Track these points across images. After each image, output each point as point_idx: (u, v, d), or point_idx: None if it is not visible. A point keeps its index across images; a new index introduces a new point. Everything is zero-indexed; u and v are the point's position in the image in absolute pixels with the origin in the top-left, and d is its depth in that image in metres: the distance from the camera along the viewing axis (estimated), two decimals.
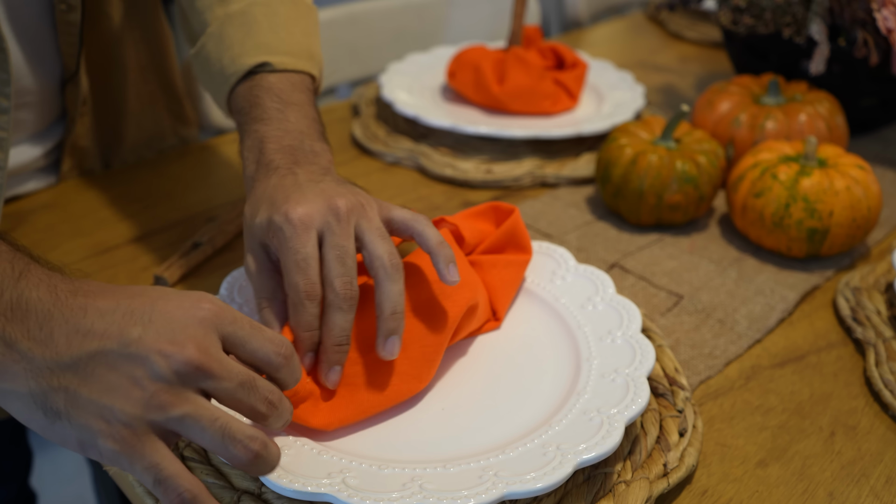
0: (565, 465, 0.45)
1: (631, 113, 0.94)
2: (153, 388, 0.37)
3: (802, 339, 0.66)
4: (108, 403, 0.36)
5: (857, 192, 0.71)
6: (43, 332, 0.37)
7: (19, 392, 0.37)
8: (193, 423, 0.38)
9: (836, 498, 0.52)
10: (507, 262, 0.61)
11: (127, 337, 0.37)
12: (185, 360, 0.38)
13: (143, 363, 0.37)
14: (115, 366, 0.37)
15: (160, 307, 0.39)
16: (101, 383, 0.37)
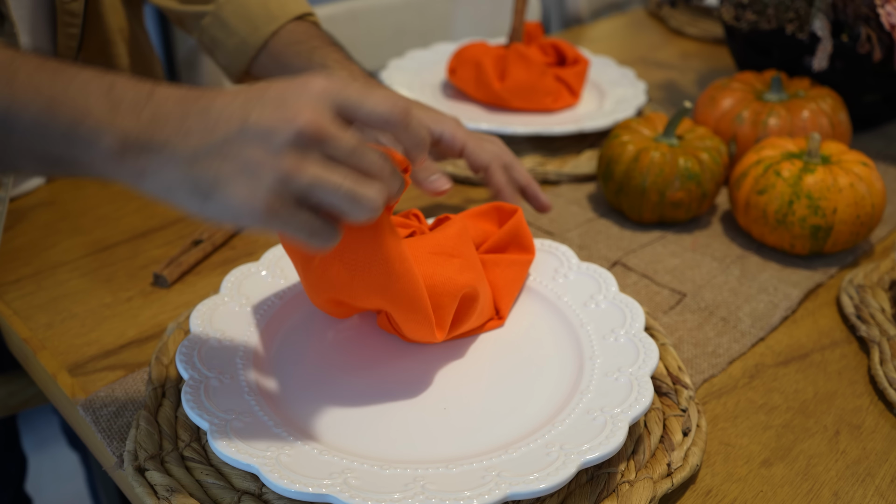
0: (569, 466, 0.45)
1: (633, 110, 0.94)
2: (277, 160, 0.41)
3: (806, 338, 0.65)
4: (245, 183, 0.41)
5: (860, 189, 0.70)
6: (181, 132, 0.42)
7: (174, 183, 0.42)
8: (321, 186, 0.42)
9: (842, 497, 0.52)
10: (511, 262, 0.61)
11: (247, 118, 0.41)
12: (301, 127, 0.41)
13: (264, 138, 0.41)
14: (243, 146, 0.41)
15: (273, 89, 0.43)
16: (236, 163, 0.41)
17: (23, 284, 0.69)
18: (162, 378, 0.56)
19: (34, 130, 0.42)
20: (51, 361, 0.61)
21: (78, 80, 0.43)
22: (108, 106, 0.42)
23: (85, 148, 0.42)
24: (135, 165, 0.42)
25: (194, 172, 0.42)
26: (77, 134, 0.42)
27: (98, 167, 0.43)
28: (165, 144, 0.42)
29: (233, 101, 0.42)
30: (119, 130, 0.42)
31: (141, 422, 0.52)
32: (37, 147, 0.43)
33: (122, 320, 0.65)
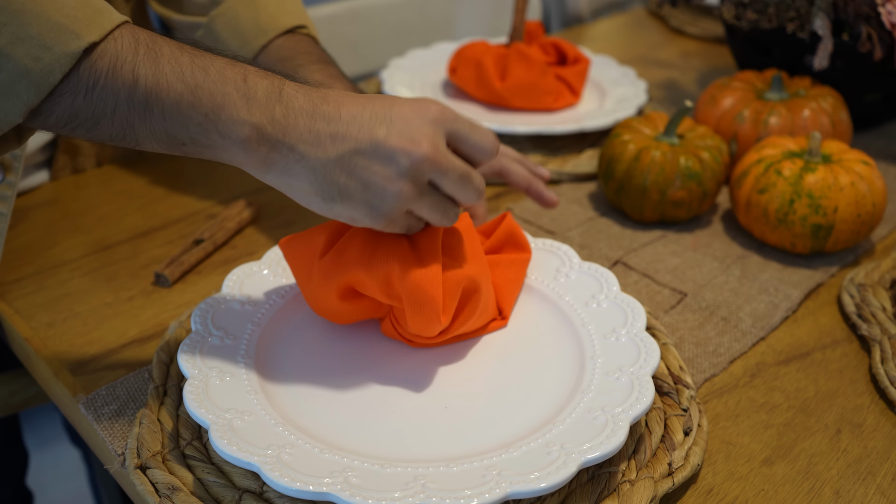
0: (569, 465, 0.45)
1: (633, 109, 0.94)
2: (400, 185, 0.47)
3: (807, 336, 0.65)
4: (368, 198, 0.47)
5: (861, 188, 0.70)
6: (311, 136, 0.46)
7: (301, 185, 0.47)
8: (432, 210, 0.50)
9: (843, 496, 0.52)
10: (510, 262, 0.61)
11: (376, 138, 0.47)
12: (422, 157, 0.47)
13: (391, 160, 0.47)
14: (370, 162, 0.47)
15: (397, 110, 0.48)
16: (362, 179, 0.47)
17: (24, 284, 0.69)
18: (163, 376, 0.56)
19: (175, 112, 0.45)
20: (52, 360, 0.61)
21: (215, 67, 0.46)
22: (244, 98, 0.45)
23: (220, 135, 0.45)
24: (264, 157, 0.46)
25: (322, 180, 0.47)
26: (216, 121, 0.45)
27: (228, 153, 0.46)
28: (296, 145, 0.46)
29: (361, 112, 0.47)
30: (255, 123, 0.45)
31: (143, 420, 0.52)
32: (173, 128, 0.45)
33: (123, 319, 0.65)
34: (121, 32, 0.44)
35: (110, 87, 0.44)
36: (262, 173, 0.47)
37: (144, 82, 0.44)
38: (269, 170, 0.47)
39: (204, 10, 0.75)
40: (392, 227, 0.50)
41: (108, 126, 0.45)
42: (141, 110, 0.44)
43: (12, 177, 0.64)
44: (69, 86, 0.43)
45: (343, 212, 0.48)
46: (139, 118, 0.44)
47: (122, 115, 0.44)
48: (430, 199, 0.49)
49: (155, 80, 0.44)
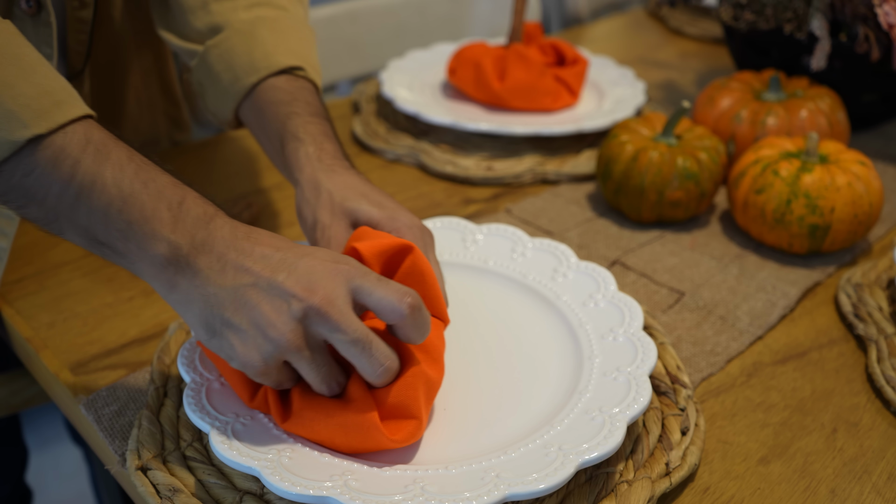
0: (567, 466, 0.45)
1: (632, 109, 0.94)
2: (287, 328, 0.45)
3: (804, 336, 0.66)
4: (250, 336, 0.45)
5: (858, 189, 0.71)
6: (219, 265, 0.46)
7: (193, 310, 0.46)
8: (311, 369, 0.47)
9: (838, 495, 0.52)
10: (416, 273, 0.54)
11: (275, 279, 0.46)
12: (312, 305, 0.45)
13: (282, 302, 0.45)
14: (262, 298, 0.45)
15: (306, 261, 0.47)
16: (250, 315, 0.45)
17: (25, 284, 0.69)
18: (164, 378, 0.56)
19: (103, 214, 0.45)
20: (53, 360, 0.61)
21: (156, 184, 0.46)
22: (173, 219, 0.46)
23: (137, 246, 0.46)
24: (170, 279, 0.46)
25: (212, 309, 0.46)
26: (138, 232, 0.45)
27: (139, 265, 0.46)
28: (201, 270, 0.46)
29: (273, 254, 0.47)
30: (173, 244, 0.46)
31: (143, 421, 0.53)
32: (94, 228, 0.46)
33: (123, 320, 0.65)
34: (74, 128, 0.46)
35: (46, 177, 0.44)
36: (165, 293, 0.47)
37: (81, 179, 0.45)
38: (172, 291, 0.46)
39: (201, 38, 0.71)
40: (264, 376, 0.47)
41: (36, 210, 0.45)
42: (69, 204, 0.45)
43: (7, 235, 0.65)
44: (7, 167, 0.44)
45: (222, 347, 0.46)
46: (66, 209, 0.45)
47: (51, 203, 0.45)
48: (314, 356, 0.47)
49: (92, 180, 0.45)
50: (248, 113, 0.68)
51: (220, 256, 0.46)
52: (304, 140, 0.62)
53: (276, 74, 0.66)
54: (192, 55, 0.71)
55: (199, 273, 0.46)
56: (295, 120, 0.63)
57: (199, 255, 0.46)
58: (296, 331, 0.45)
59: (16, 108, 0.44)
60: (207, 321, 0.46)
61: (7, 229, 0.65)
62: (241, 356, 0.46)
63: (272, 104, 0.65)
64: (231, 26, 0.68)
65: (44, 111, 0.45)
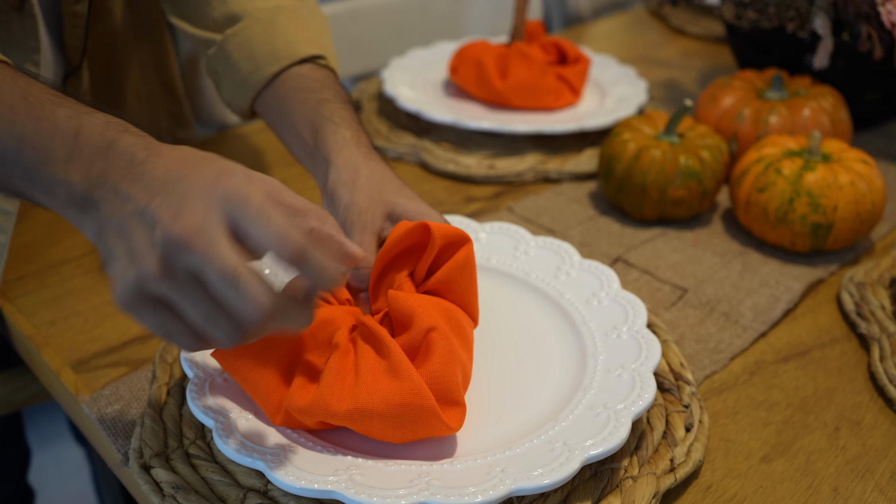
0: (572, 461, 0.45)
1: (634, 108, 0.94)
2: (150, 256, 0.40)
3: (806, 335, 0.66)
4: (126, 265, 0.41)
5: (861, 187, 0.71)
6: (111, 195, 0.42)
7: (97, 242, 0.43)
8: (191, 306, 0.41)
9: (841, 493, 0.52)
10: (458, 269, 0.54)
11: (150, 205, 0.41)
12: (173, 233, 0.40)
13: (150, 228, 0.41)
14: (137, 226, 0.41)
15: (189, 180, 0.42)
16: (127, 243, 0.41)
17: (26, 282, 0.69)
18: (166, 376, 0.56)
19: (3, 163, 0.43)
20: (54, 358, 0.61)
21: (49, 120, 0.43)
22: (68, 154, 0.43)
23: (41, 192, 0.44)
24: (77, 217, 0.44)
25: (102, 240, 0.43)
26: (35, 179, 0.43)
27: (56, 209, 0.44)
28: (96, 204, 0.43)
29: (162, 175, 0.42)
30: (67, 183, 0.43)
31: (146, 419, 0.52)
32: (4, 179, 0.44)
33: (125, 317, 0.65)
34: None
35: None
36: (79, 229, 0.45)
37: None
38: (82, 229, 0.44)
39: (219, 27, 0.70)
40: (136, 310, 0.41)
41: None
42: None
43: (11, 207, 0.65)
44: None
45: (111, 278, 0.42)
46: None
47: None
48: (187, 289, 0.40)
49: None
50: (268, 102, 0.67)
51: (114, 186, 0.43)
52: (339, 124, 0.61)
53: (298, 63, 0.67)
54: (209, 44, 0.71)
55: (95, 206, 0.43)
56: (328, 105, 0.63)
57: (95, 188, 0.43)
58: (156, 260, 0.40)
59: None
60: (103, 255, 0.43)
61: (5, 224, 0.65)
62: (115, 288, 0.41)
63: (299, 91, 0.65)
64: (250, 15, 0.68)
65: None
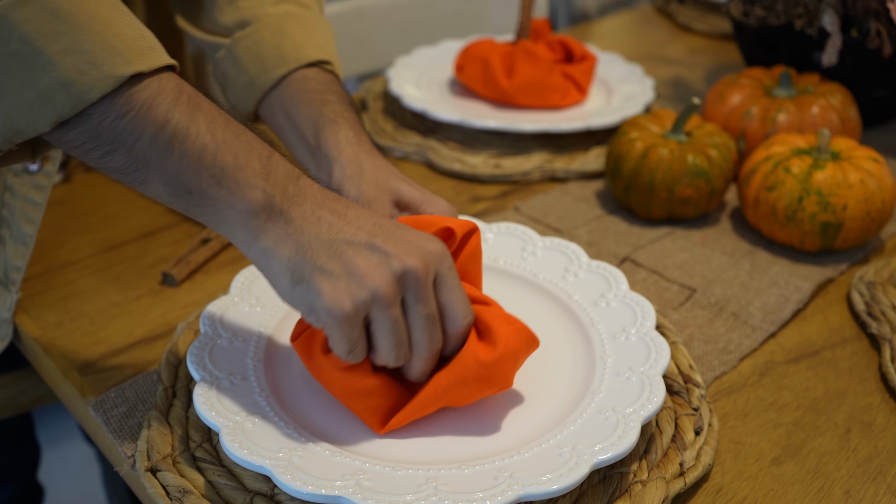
0: (581, 466, 0.45)
1: (641, 106, 0.94)
2: (384, 278, 0.45)
3: (816, 335, 0.65)
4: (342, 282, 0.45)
5: (871, 185, 0.70)
6: (313, 217, 0.46)
7: (281, 256, 0.46)
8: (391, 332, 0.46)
9: (853, 496, 0.51)
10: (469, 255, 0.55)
11: (373, 240, 0.46)
12: (411, 267, 0.46)
13: (381, 257, 0.46)
14: (358, 254, 0.46)
15: (402, 231, 0.48)
16: (346, 262, 0.45)
17: (32, 283, 0.69)
18: (172, 378, 0.56)
19: (195, 159, 0.45)
20: (60, 360, 0.61)
21: (246, 136, 0.47)
22: (264, 169, 0.46)
23: (230, 191, 0.46)
24: (260, 226, 0.46)
25: (303, 255, 0.45)
26: (232, 178, 0.45)
27: (227, 213, 0.46)
28: (294, 220, 0.46)
29: (368, 218, 0.48)
30: (267, 192, 0.46)
31: (152, 422, 0.52)
32: (186, 173, 0.45)
33: (131, 319, 0.65)
34: (168, 75, 0.46)
35: (140, 120, 0.44)
36: (249, 241, 0.46)
37: (175, 125, 0.45)
38: (258, 238, 0.46)
39: (228, 32, 0.72)
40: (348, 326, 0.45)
41: (124, 156, 0.45)
42: (162, 149, 0.45)
43: (50, 166, 0.64)
44: (102, 107, 0.43)
45: (305, 295, 0.45)
46: (157, 156, 0.45)
47: (141, 149, 0.45)
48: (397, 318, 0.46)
49: (186, 126, 0.45)
50: (273, 104, 0.69)
51: (314, 210, 0.47)
52: (342, 125, 0.64)
53: (305, 67, 0.69)
54: (217, 48, 0.73)
55: (292, 222, 0.46)
56: (331, 107, 0.65)
57: (293, 205, 0.46)
58: (392, 284, 0.45)
59: (119, 45, 0.44)
60: (296, 266, 0.45)
61: (33, 215, 0.65)
62: (329, 300, 0.44)
63: (305, 92, 0.67)
64: (260, 20, 0.71)
65: (143, 53, 0.45)
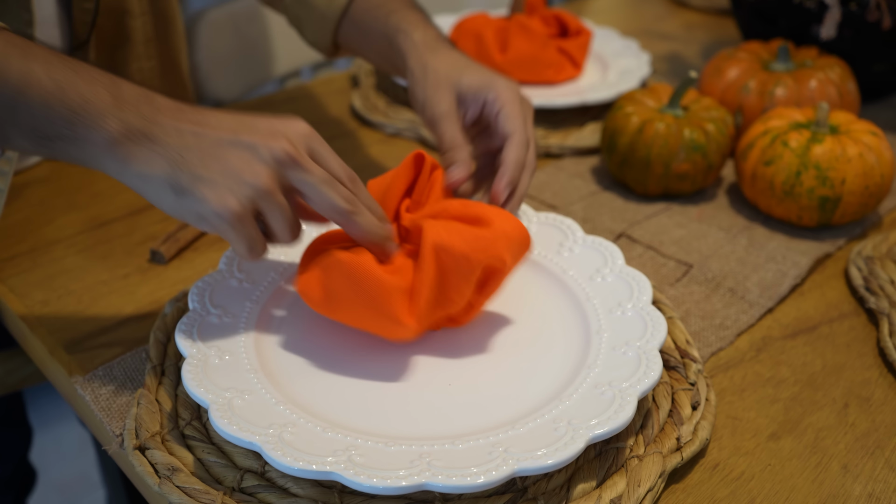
0: (577, 441, 0.44)
1: (636, 81, 0.92)
2: (259, 169, 0.46)
3: (814, 310, 0.65)
4: (222, 185, 0.46)
5: (869, 160, 0.69)
6: (175, 131, 0.47)
7: (156, 174, 0.46)
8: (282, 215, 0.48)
9: (851, 470, 0.51)
10: None
11: (238, 132, 0.47)
12: (282, 149, 0.47)
13: (251, 150, 0.47)
14: (229, 151, 0.47)
15: (263, 121, 0.49)
16: (220, 164, 0.46)
17: (18, 261, 0.68)
18: (161, 356, 0.55)
19: (42, 107, 0.45)
20: (47, 339, 0.60)
21: (85, 70, 0.47)
22: (113, 99, 0.46)
23: (87, 128, 0.45)
24: (126, 152, 0.46)
25: (178, 168, 0.46)
26: (83, 115, 0.45)
27: (88, 149, 0.46)
28: (158, 137, 0.46)
29: (225, 118, 0.48)
30: (121, 118, 0.46)
31: (140, 400, 0.51)
32: (40, 123, 0.45)
33: (119, 297, 0.64)
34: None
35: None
36: (120, 169, 0.47)
37: (14, 79, 0.45)
38: (128, 164, 0.46)
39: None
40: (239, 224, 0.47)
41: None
42: (8, 105, 0.45)
43: (11, 152, 0.63)
44: None
45: (192, 205, 0.46)
46: (6, 113, 0.45)
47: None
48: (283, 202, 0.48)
49: (22, 74, 0.45)
50: (348, 30, 0.72)
51: (174, 124, 0.47)
52: (407, 31, 0.66)
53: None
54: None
55: (156, 139, 0.46)
56: (395, 16, 0.67)
57: (153, 124, 0.46)
58: (270, 174, 0.47)
59: None
60: (174, 180, 0.46)
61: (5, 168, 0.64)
62: (215, 204, 0.45)
63: (370, 10, 0.70)
64: None
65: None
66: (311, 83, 1.02)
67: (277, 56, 1.16)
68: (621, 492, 0.47)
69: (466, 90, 0.62)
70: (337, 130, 0.90)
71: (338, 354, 0.54)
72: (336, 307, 0.51)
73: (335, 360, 0.53)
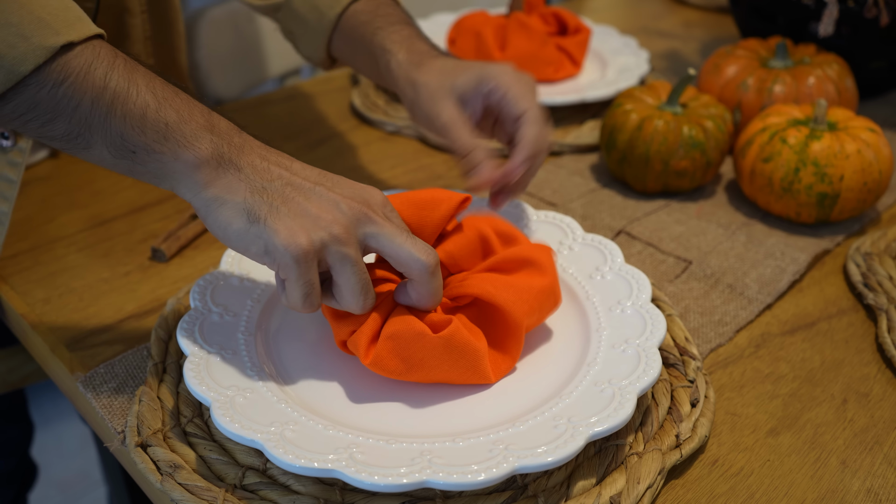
0: (577, 438, 0.44)
1: (635, 79, 0.93)
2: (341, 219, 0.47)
3: (813, 306, 0.65)
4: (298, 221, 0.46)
5: (868, 156, 0.69)
6: (262, 165, 0.48)
7: (234, 201, 0.46)
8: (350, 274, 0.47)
9: (850, 466, 0.51)
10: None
11: (321, 186, 0.48)
12: (361, 208, 0.48)
13: (330, 201, 0.48)
14: (310, 198, 0.47)
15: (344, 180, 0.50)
16: (299, 206, 0.47)
17: (20, 259, 0.68)
18: (162, 354, 0.55)
19: (138, 117, 0.46)
20: (49, 336, 0.60)
21: (184, 95, 0.48)
22: (207, 123, 0.47)
23: (176, 145, 0.46)
24: (208, 176, 0.46)
25: (257, 197, 0.46)
26: (176, 132, 0.46)
27: (171, 166, 0.46)
28: (244, 168, 0.47)
29: (309, 168, 0.49)
30: (215, 142, 0.47)
31: (142, 398, 0.52)
32: (130, 132, 0.46)
33: (120, 295, 0.64)
34: (100, 42, 0.46)
35: (78, 86, 0.44)
36: (197, 190, 0.47)
37: (115, 87, 0.45)
38: (208, 187, 0.47)
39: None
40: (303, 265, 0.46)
41: (65, 123, 0.45)
42: (104, 112, 0.45)
43: (24, 143, 0.63)
44: (37, 77, 0.44)
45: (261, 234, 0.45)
46: (99, 119, 0.45)
47: (82, 114, 0.45)
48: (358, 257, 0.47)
49: (126, 86, 0.46)
50: (339, 45, 0.72)
51: (260, 161, 0.48)
52: (392, 50, 0.65)
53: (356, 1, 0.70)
54: (276, 9, 0.75)
55: (242, 169, 0.47)
56: (380, 34, 0.67)
57: (242, 154, 0.47)
58: (347, 224, 0.47)
59: (46, 17, 0.44)
60: (251, 207, 0.46)
61: (7, 193, 0.64)
62: (284, 237, 0.45)
63: (358, 27, 0.69)
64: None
65: (70, 22, 0.45)
66: (310, 81, 1.02)
67: (277, 54, 1.16)
68: (621, 489, 0.47)
69: (464, 91, 0.61)
70: (337, 128, 0.90)
71: (339, 353, 0.54)
72: (417, 372, 0.50)
73: (336, 358, 0.54)
